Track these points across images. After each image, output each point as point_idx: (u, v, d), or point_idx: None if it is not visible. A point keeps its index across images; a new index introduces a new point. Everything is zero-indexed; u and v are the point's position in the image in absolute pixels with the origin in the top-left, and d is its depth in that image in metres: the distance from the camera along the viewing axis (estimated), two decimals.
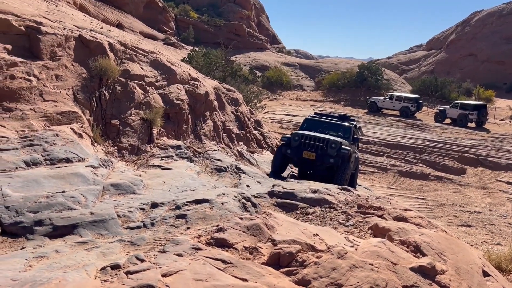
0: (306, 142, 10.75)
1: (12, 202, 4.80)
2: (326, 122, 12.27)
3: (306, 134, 10.98)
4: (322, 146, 10.57)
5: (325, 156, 10.51)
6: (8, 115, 7.23)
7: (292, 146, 10.88)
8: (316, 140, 10.70)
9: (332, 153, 10.52)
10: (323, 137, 10.82)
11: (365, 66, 43.58)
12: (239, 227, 4.29)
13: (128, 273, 3.25)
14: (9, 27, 8.23)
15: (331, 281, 3.36)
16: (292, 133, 11.56)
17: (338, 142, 10.66)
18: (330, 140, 10.65)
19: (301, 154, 10.67)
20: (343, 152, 10.56)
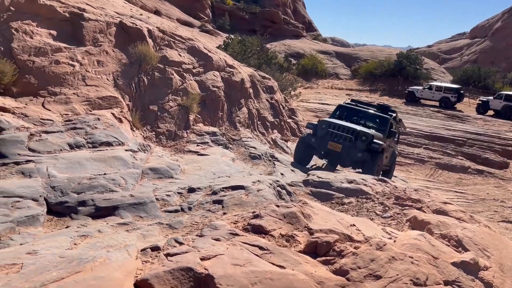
0: (333, 131, 9.69)
1: (58, 183, 4.99)
2: (361, 111, 11.14)
3: (334, 123, 9.92)
4: (350, 137, 9.51)
5: (352, 149, 9.46)
6: (53, 99, 7.49)
7: (318, 135, 9.86)
8: (345, 131, 9.61)
9: (361, 147, 9.43)
10: (352, 127, 9.69)
11: (404, 55, 42.25)
12: (276, 215, 4.29)
13: (168, 255, 3.32)
14: (54, 13, 8.49)
15: (370, 272, 3.31)
16: (319, 120, 10.59)
17: (370, 134, 9.55)
18: (360, 132, 9.54)
19: (326, 144, 9.63)
20: (374, 147, 9.45)
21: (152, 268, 3.08)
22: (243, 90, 12.74)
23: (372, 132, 9.72)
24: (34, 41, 7.72)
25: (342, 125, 9.78)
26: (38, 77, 7.48)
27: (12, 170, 5.18)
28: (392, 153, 11.72)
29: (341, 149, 9.46)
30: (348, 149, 9.44)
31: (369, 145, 9.43)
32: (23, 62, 7.35)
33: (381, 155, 9.68)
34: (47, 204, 4.61)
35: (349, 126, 9.72)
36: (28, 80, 7.32)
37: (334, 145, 9.55)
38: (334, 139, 9.60)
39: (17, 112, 6.67)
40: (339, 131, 9.65)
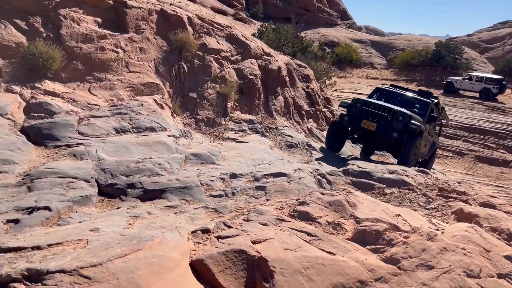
0: (368, 110, 9.15)
1: (107, 165, 5.15)
2: (400, 94, 10.58)
3: (369, 101, 9.44)
4: (386, 116, 8.93)
5: (387, 129, 8.87)
6: (99, 85, 7.70)
7: (351, 114, 9.36)
8: (381, 109, 9.05)
9: (398, 127, 8.82)
10: (389, 106, 9.16)
11: (443, 44, 40.86)
12: (321, 202, 4.29)
13: (219, 237, 3.39)
14: (100, 1, 8.67)
15: (421, 262, 3.27)
16: (353, 99, 10.04)
17: (407, 114, 8.95)
18: (397, 111, 8.96)
19: (359, 123, 9.11)
20: (411, 127, 8.82)
21: (205, 249, 3.15)
22: (280, 78, 12.68)
23: (410, 113, 9.14)
24: (81, 28, 7.94)
25: (378, 103, 9.30)
26: (85, 63, 7.70)
27: (64, 152, 5.39)
28: (432, 143, 11.20)
29: (376, 128, 8.91)
30: (383, 129, 8.91)
31: (406, 125, 8.83)
32: (71, 49, 7.58)
33: (418, 138, 9.12)
34: (98, 185, 4.77)
35: (385, 105, 9.20)
36: (76, 66, 7.55)
37: (368, 124, 9.01)
38: (368, 117, 9.07)
39: (66, 97, 6.91)
40: (374, 109, 9.12)
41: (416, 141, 9.00)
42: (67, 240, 2.85)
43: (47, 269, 2.46)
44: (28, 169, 4.76)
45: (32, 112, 6.11)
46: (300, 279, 2.86)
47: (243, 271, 2.96)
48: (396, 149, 9.32)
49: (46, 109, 6.19)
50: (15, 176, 4.55)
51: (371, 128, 8.99)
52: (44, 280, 2.38)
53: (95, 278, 2.44)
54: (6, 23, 7.14)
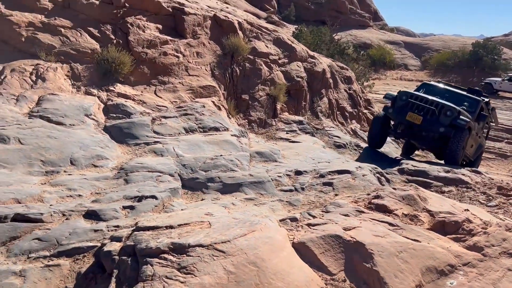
0: (414, 102, 8.76)
1: (186, 161, 5.58)
2: (449, 90, 10.15)
3: (416, 94, 9.09)
4: (433, 110, 8.53)
5: (434, 123, 8.49)
6: (163, 87, 8.19)
7: (396, 106, 8.99)
8: (428, 103, 8.66)
9: (445, 122, 8.43)
10: (437, 100, 8.77)
11: (480, 44, 40.00)
12: (394, 196, 4.55)
13: (309, 225, 3.71)
14: (160, 8, 9.20)
15: (504, 250, 3.50)
16: (399, 91, 9.60)
17: (456, 109, 8.57)
18: (445, 105, 8.58)
19: (404, 115, 8.72)
20: (460, 123, 8.39)
21: (303, 234, 3.48)
22: (324, 80, 12.94)
23: (459, 108, 8.77)
24: (146, 35, 8.46)
25: (425, 96, 8.93)
26: (150, 67, 8.21)
27: (145, 149, 5.85)
28: (479, 145, 10.75)
29: (421, 122, 8.52)
30: (429, 123, 8.50)
31: (454, 120, 8.43)
32: (138, 54, 8.10)
33: (467, 135, 8.70)
34: (181, 179, 5.19)
35: (433, 99, 8.81)
36: (142, 70, 8.07)
37: (414, 117, 8.60)
38: (414, 110, 8.66)
39: (136, 99, 7.42)
40: (421, 102, 8.74)
41: (464, 138, 8.63)
42: (192, 222, 3.23)
43: (188, 243, 2.84)
44: (119, 164, 5.23)
45: (110, 113, 6.62)
46: (396, 261, 3.14)
47: (341, 253, 3.26)
48: (440, 146, 9.01)
49: (123, 110, 6.70)
50: (110, 170, 5.03)
51: (416, 122, 8.61)
52: (188, 253, 2.76)
53: (228, 252, 2.81)
54: (81, 31, 7.73)
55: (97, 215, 3.67)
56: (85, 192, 4.22)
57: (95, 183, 4.50)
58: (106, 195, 4.14)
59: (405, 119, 8.76)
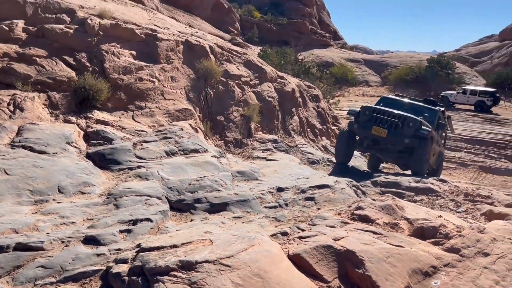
0: (378, 116, 9.03)
1: (172, 184, 5.70)
2: (407, 103, 10.50)
3: (379, 108, 9.38)
4: (397, 123, 8.83)
5: (399, 135, 8.76)
6: (140, 112, 8.29)
7: (360, 121, 9.25)
8: (391, 116, 8.93)
9: (409, 133, 8.73)
10: (399, 113, 9.04)
11: (435, 60, 42.19)
12: (374, 207, 4.85)
13: (301, 238, 3.93)
14: (133, 35, 9.36)
15: (478, 250, 3.83)
16: (362, 106, 9.83)
17: (418, 120, 8.90)
18: (408, 118, 8.88)
19: (369, 130, 8.98)
20: (423, 133, 8.74)
21: (295, 247, 3.69)
22: (294, 99, 13.37)
23: (420, 119, 9.09)
24: (121, 61, 8.58)
25: (388, 110, 9.18)
26: (127, 93, 8.31)
27: (130, 174, 5.93)
28: (439, 153, 11.18)
29: (386, 135, 8.79)
30: (394, 135, 8.78)
31: (417, 131, 8.76)
32: (115, 80, 8.19)
33: (430, 143, 9.03)
34: (168, 202, 5.30)
35: (396, 112, 9.08)
36: (119, 96, 8.16)
37: (379, 130, 8.86)
38: (379, 124, 8.94)
39: (115, 125, 7.49)
40: (384, 116, 9.01)
41: (428, 147, 8.94)
42: (194, 240, 3.37)
43: (195, 260, 2.98)
44: (106, 189, 5.29)
45: (91, 140, 6.67)
46: (385, 265, 3.40)
47: (334, 262, 3.49)
48: (406, 158, 9.29)
49: (103, 137, 6.76)
50: (98, 196, 5.08)
51: (381, 135, 8.88)
52: (196, 269, 2.90)
53: (233, 266, 2.96)
54: (57, 59, 7.77)
55: (96, 240, 3.74)
56: (78, 219, 4.28)
57: (86, 209, 4.55)
58: (101, 220, 4.21)
59: (371, 134, 9.03)
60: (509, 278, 3.55)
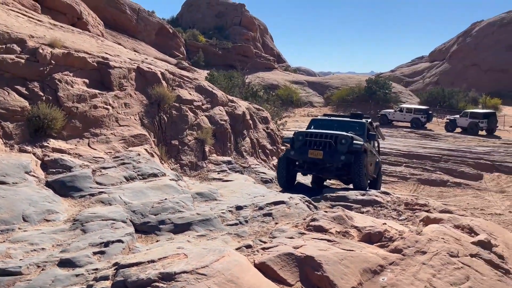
0: (312, 139, 9.41)
1: (135, 207, 5.89)
2: (336, 121, 10.99)
3: (311, 132, 9.74)
4: (330, 142, 9.21)
5: (334, 154, 9.12)
6: (96, 139, 8.39)
7: (296, 147, 9.59)
8: (323, 137, 9.33)
9: (343, 150, 9.11)
10: (330, 132, 9.45)
11: (373, 81, 44.86)
12: (327, 218, 5.35)
13: (264, 249, 4.30)
14: (85, 64, 9.47)
15: (417, 250, 4.39)
16: (294, 133, 10.26)
17: (349, 136, 9.30)
18: (339, 135, 9.27)
19: (306, 154, 9.31)
20: (356, 147, 9.15)
21: (260, 257, 4.06)
22: (245, 121, 13.88)
23: (351, 134, 9.54)
24: (75, 89, 8.65)
25: (320, 132, 9.60)
26: (82, 121, 8.38)
27: (92, 200, 6.05)
28: (376, 162, 11.68)
29: (323, 156, 9.15)
30: (330, 155, 9.16)
31: (350, 146, 9.15)
32: (69, 109, 8.25)
33: (365, 156, 9.50)
34: (133, 225, 5.49)
35: (327, 132, 9.52)
36: (74, 124, 8.21)
37: (315, 153, 9.21)
38: (313, 147, 9.31)
39: (72, 152, 7.54)
40: (317, 138, 9.41)
41: (363, 160, 9.33)
42: (169, 255, 3.62)
43: (174, 271, 3.24)
44: (70, 216, 5.40)
45: (50, 168, 6.70)
46: (340, 266, 3.84)
47: (295, 267, 3.88)
48: (346, 173, 9.66)
49: (62, 165, 6.82)
50: (63, 222, 5.18)
51: (318, 156, 9.19)
52: (175, 279, 3.16)
53: (209, 274, 3.26)
54: (8, 89, 7.72)
55: (71, 263, 3.89)
56: (47, 245, 4.38)
57: (54, 236, 4.66)
58: (72, 245, 4.34)
59: (308, 157, 9.35)
60: (443, 271, 4.12)
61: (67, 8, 18.88)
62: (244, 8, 69.60)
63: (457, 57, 65.32)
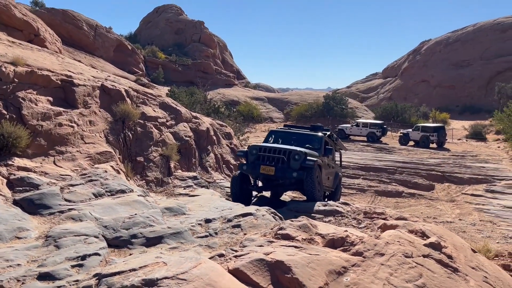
0: (265, 155, 9.16)
1: (106, 223, 5.99)
2: (294, 133, 10.85)
3: (265, 146, 9.43)
4: (282, 158, 9.01)
5: (286, 170, 8.94)
6: (62, 157, 8.38)
7: (249, 162, 9.38)
8: (276, 152, 9.11)
9: (295, 166, 8.92)
10: (284, 148, 9.24)
11: (330, 97, 46.38)
12: (293, 226, 5.70)
13: (236, 256, 4.57)
14: (49, 82, 9.46)
15: (376, 252, 4.81)
16: (249, 146, 10.11)
17: (302, 152, 9.07)
18: (292, 151, 9.06)
19: (258, 169, 9.08)
20: (308, 164, 8.94)
21: (233, 264, 4.33)
22: (209, 137, 14.14)
23: (305, 150, 9.28)
24: (39, 108, 8.63)
25: (273, 147, 9.35)
26: (47, 139, 8.36)
27: (62, 217, 6.09)
28: (335, 174, 11.59)
29: (275, 172, 8.95)
30: (282, 171, 8.96)
31: (303, 163, 8.94)
32: (34, 127, 8.22)
33: (318, 172, 9.34)
34: (105, 239, 5.60)
35: (280, 147, 9.27)
36: (39, 142, 8.18)
37: (267, 169, 8.98)
38: (266, 162, 9.08)
39: (37, 170, 7.52)
40: (270, 153, 9.15)
41: (315, 177, 9.10)
42: (149, 264, 3.80)
43: (156, 277, 3.43)
44: (41, 233, 5.44)
45: (16, 187, 6.67)
46: (308, 269, 4.16)
47: (267, 271, 4.17)
48: (300, 188, 9.51)
49: (29, 183, 6.80)
50: (35, 239, 5.23)
51: (270, 173, 8.97)
52: (158, 285, 3.35)
53: (189, 279, 3.48)
54: None
55: (51, 276, 3.99)
56: (22, 261, 4.44)
57: (28, 252, 4.71)
58: (48, 260, 4.43)
59: (260, 173, 9.14)
60: (399, 270, 4.55)
61: (24, 25, 18.54)
62: (203, 26, 70.24)
63: (408, 73, 68.80)
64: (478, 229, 17.00)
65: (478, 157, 28.91)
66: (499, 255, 8.91)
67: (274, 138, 10.74)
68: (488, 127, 40.04)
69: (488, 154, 30.09)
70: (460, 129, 42.42)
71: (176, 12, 73.16)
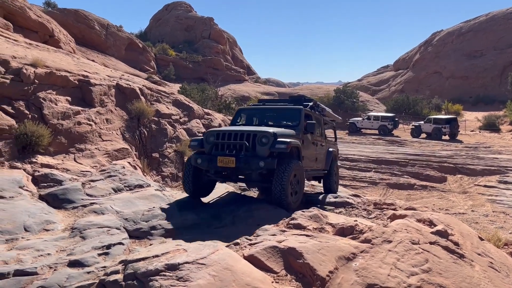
0: (223, 142, 6.94)
1: (127, 216, 6.31)
2: (269, 109, 8.68)
3: (224, 130, 7.14)
4: (245, 144, 6.77)
5: (251, 160, 6.62)
6: (81, 154, 8.74)
7: (206, 153, 7.11)
8: (237, 137, 6.87)
9: (263, 153, 6.71)
10: (247, 130, 6.96)
11: (341, 90, 46.31)
12: (305, 217, 5.95)
13: (251, 244, 4.84)
14: (67, 82, 9.83)
15: (384, 239, 5.04)
16: (204, 133, 7.77)
17: (270, 133, 6.80)
18: (258, 133, 6.84)
19: (216, 162, 6.78)
20: (280, 147, 6.68)
21: (248, 251, 4.60)
22: None
23: (275, 130, 6.99)
24: (59, 107, 9.00)
25: (233, 130, 7.03)
26: (67, 137, 8.73)
27: (85, 210, 6.43)
28: (326, 152, 9.47)
29: (236, 163, 6.63)
30: (244, 161, 6.65)
31: (272, 147, 6.71)
32: (54, 126, 8.59)
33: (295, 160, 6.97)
34: (127, 231, 5.92)
35: (242, 130, 7.00)
36: (60, 140, 8.55)
37: (226, 160, 6.69)
38: (225, 151, 6.90)
39: (59, 167, 7.89)
40: (230, 139, 6.92)
41: (292, 166, 6.75)
42: (171, 250, 4.10)
43: (178, 262, 3.73)
44: (67, 226, 5.78)
45: (41, 183, 7.04)
46: (318, 255, 4.42)
47: (280, 258, 4.44)
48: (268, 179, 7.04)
49: (52, 179, 7.16)
50: (61, 231, 5.57)
51: (230, 165, 6.67)
52: (179, 269, 3.65)
53: (208, 263, 3.77)
54: None
55: (80, 263, 4.31)
56: (52, 251, 4.77)
57: (57, 243, 5.04)
58: (76, 249, 4.75)
59: (219, 167, 6.84)
60: (406, 256, 4.77)
61: (39, 26, 19.02)
62: (213, 22, 70.52)
63: (420, 65, 68.16)
64: (491, 220, 17.05)
65: (491, 149, 28.76)
66: (508, 244, 9.06)
67: (246, 119, 8.66)
68: (502, 118, 39.66)
69: (501, 145, 29.90)
70: (474, 121, 42.09)
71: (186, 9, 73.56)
